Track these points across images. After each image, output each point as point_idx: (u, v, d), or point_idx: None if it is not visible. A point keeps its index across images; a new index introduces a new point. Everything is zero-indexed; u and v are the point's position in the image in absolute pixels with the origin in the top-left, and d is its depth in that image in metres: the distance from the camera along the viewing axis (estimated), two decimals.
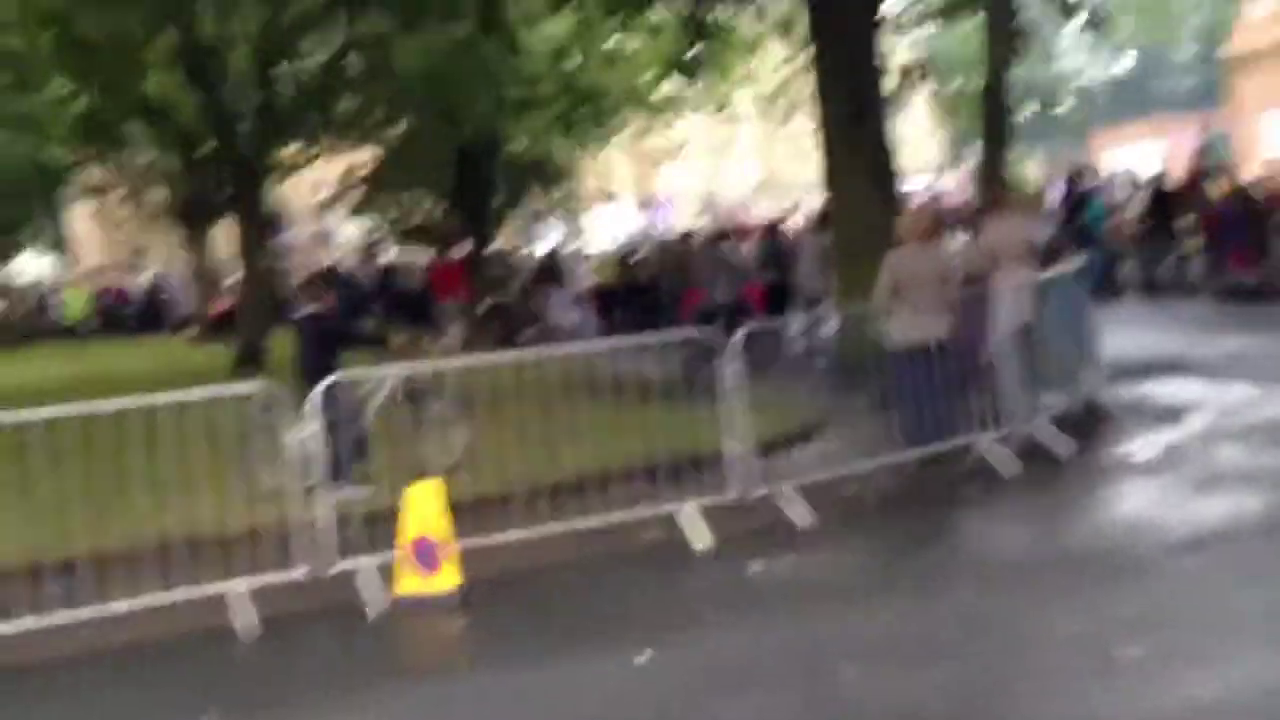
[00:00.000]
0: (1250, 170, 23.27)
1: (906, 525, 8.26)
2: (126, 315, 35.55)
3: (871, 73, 15.09)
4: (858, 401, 10.75)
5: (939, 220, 12.09)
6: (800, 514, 8.31)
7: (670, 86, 26.80)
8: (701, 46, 17.89)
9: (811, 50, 24.73)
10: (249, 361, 18.87)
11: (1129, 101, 58.85)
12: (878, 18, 15.75)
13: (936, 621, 6.10)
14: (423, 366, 10.05)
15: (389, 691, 6.10)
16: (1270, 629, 5.44)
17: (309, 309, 10.58)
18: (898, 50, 21.28)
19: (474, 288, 26.42)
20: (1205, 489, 8.03)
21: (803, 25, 20.19)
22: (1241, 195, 18.27)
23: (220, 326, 27.37)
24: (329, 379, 8.48)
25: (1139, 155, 37.51)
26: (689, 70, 18.96)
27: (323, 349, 10.08)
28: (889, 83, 16.57)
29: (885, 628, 6.09)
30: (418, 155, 26.96)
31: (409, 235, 30.60)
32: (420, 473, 8.95)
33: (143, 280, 37.85)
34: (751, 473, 8.55)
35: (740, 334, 8.91)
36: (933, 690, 5.25)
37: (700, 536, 8.04)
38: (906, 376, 9.46)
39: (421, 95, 21.43)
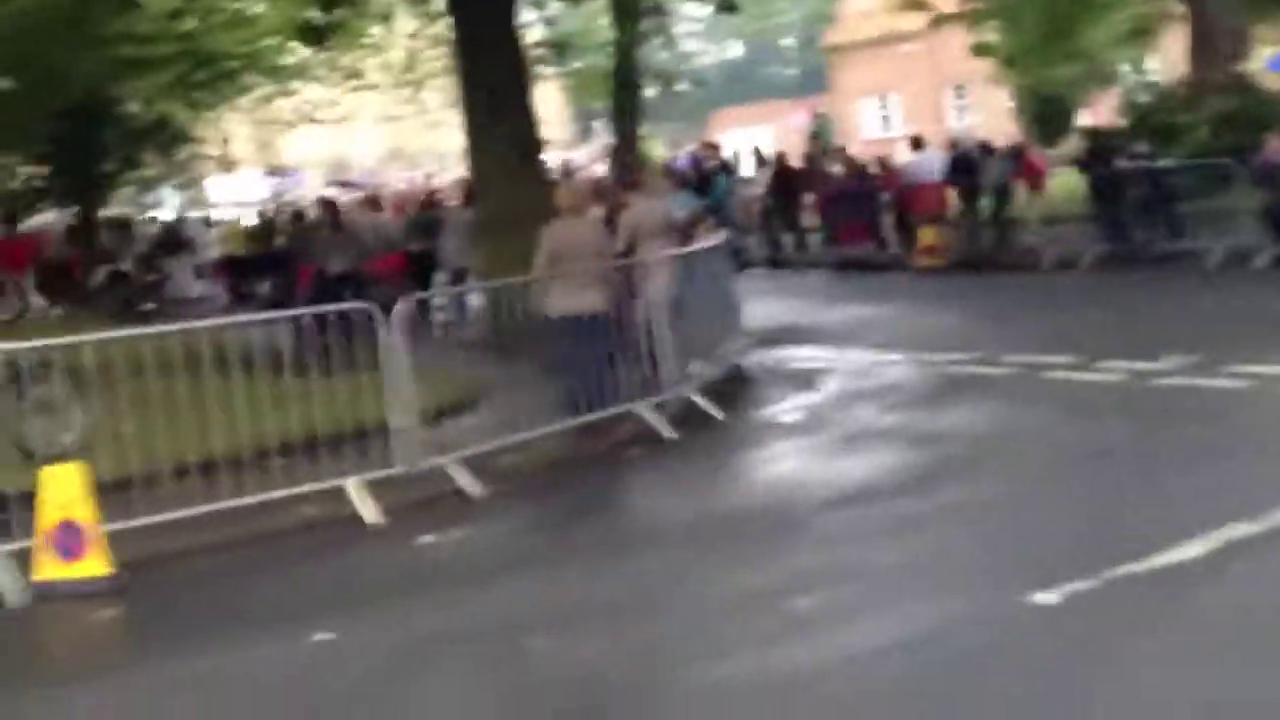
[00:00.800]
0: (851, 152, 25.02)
1: (576, 492, 8.38)
2: None
3: (512, 47, 15.10)
4: (512, 372, 10.82)
5: (593, 194, 12.37)
6: (469, 485, 8.27)
7: (296, 53, 25.91)
8: (331, 14, 17.35)
9: (447, 22, 24.63)
10: None
11: (740, 87, 62.04)
12: None
13: (616, 587, 6.22)
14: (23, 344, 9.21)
15: (43, 691, 5.61)
16: (910, 580, 5.84)
17: None
18: (528, 30, 21.39)
19: (91, 256, 24.67)
20: (846, 448, 8.60)
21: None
22: (860, 173, 19.64)
23: None
24: None
25: (752, 137, 39.65)
26: (315, 37, 18.33)
27: None
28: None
29: (567, 596, 6.14)
30: (12, 115, 24.79)
31: (4, 200, 28.14)
32: (30, 458, 8.29)
33: None
34: (416, 444, 8.42)
35: (404, 305, 8.75)
36: (618, 656, 5.34)
37: (368, 511, 7.85)
38: (565, 347, 9.59)
39: (16, 52, 19.66)
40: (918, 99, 44.96)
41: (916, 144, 19.54)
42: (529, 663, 5.33)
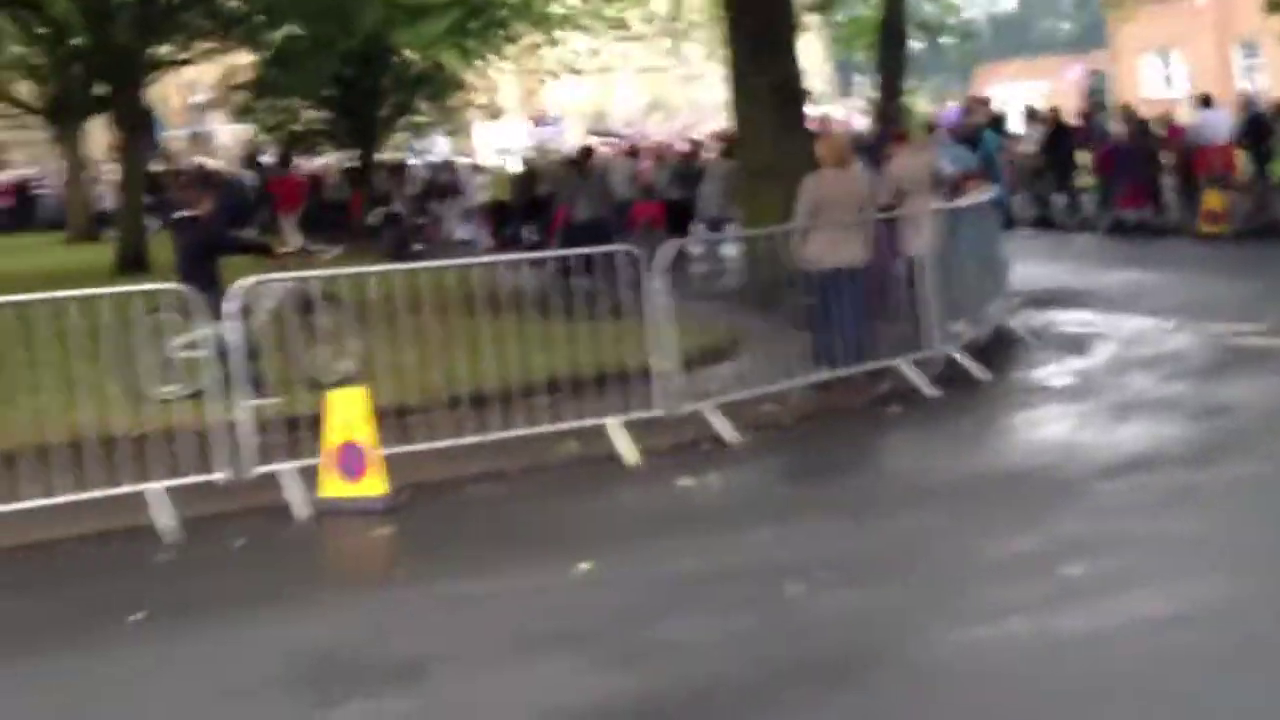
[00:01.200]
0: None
1: (834, 445, 8.29)
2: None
3: None
4: (769, 323, 10.77)
5: (853, 146, 12.18)
6: (726, 431, 8.29)
7: (564, 3, 26.34)
8: None
9: None
10: (130, 264, 18.16)
11: (1011, 41, 59.82)
12: None
13: (878, 540, 6.13)
14: (319, 275, 9.69)
15: (328, 599, 5.94)
16: (1206, 551, 5.57)
17: (186, 212, 10.12)
18: None
19: (365, 197, 25.84)
20: (1123, 415, 8.20)
21: None
22: (1142, 131, 18.65)
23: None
24: (240, 283, 8.18)
25: (1022, 92, 38.16)
26: None
27: (201, 255, 9.63)
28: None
29: (826, 546, 6.08)
30: (302, 60, 26.11)
31: (292, 141, 29.76)
32: (314, 383, 8.75)
33: (15, 177, 36.07)
34: (676, 389, 8.49)
35: (668, 250, 8.81)
36: (883, 607, 5.27)
37: (628, 450, 7.97)
38: (824, 299, 9.49)
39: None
40: (1203, 57, 42.35)
41: (1205, 102, 18.39)
42: (788, 607, 5.30)
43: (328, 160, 31.38)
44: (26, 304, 7.48)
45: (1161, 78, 44.32)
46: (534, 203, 21.53)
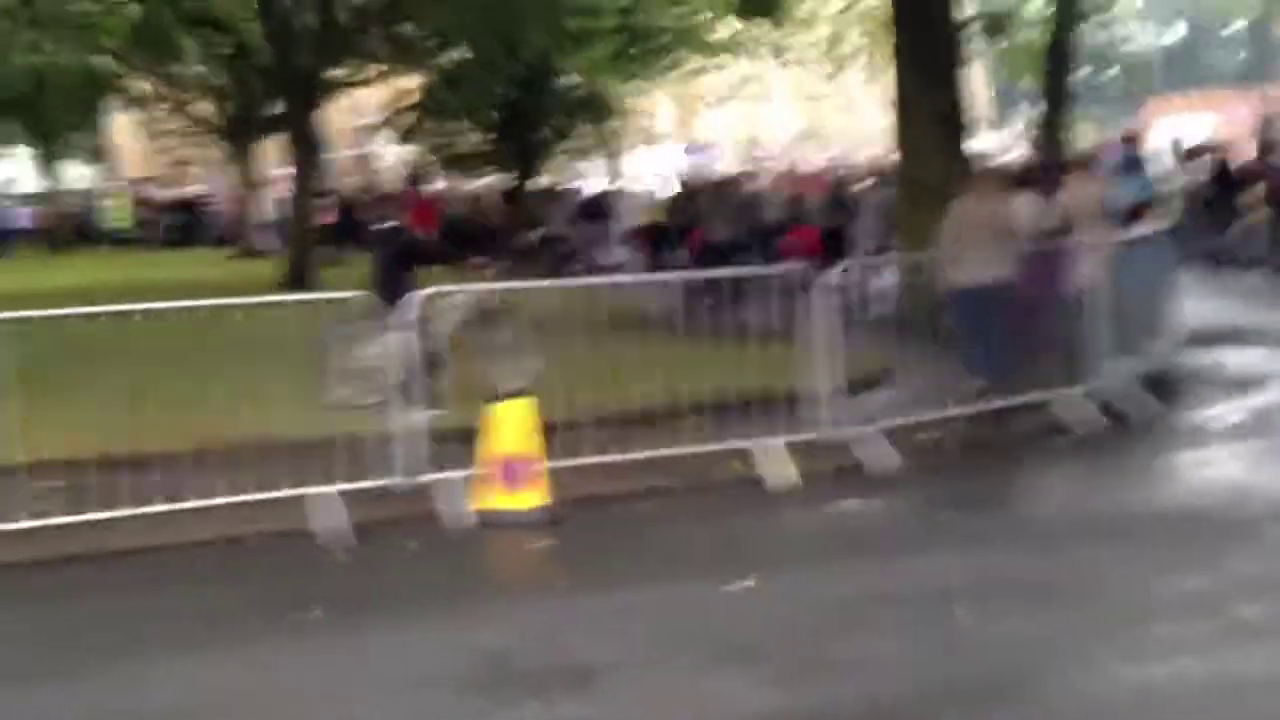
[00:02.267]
0: None
1: (995, 474, 8.22)
2: (167, 227, 35.51)
3: (947, 20, 14.85)
4: (927, 350, 10.69)
5: (1003, 176, 12.11)
6: (885, 457, 8.27)
7: (725, 28, 26.51)
8: None
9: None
10: (294, 281, 18.84)
11: (1179, 72, 58.14)
12: None
13: (1046, 570, 6.06)
14: (498, 289, 9.99)
15: (495, 606, 6.11)
16: None
17: (389, 223, 10.54)
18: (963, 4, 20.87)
19: (521, 219, 26.34)
20: None
21: None
22: None
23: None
24: (418, 294, 8.47)
25: (1189, 126, 37.10)
26: (764, 8, 18.62)
27: (399, 264, 10.04)
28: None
29: (992, 573, 6.05)
30: (468, 83, 26.81)
31: (454, 163, 30.49)
32: (492, 395, 8.96)
33: (186, 193, 37.74)
34: (835, 413, 8.50)
35: (834, 273, 8.85)
36: (1052, 636, 5.22)
37: (785, 473, 8.01)
38: (971, 313, 9.50)
39: (482, 21, 21.23)
40: None
41: None
42: (956, 631, 5.29)
43: (488, 182, 32.08)
44: (212, 310, 7.85)
45: None
46: (687, 227, 21.75)
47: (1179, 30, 70.04)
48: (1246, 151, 21.37)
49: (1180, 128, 35.65)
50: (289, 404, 7.84)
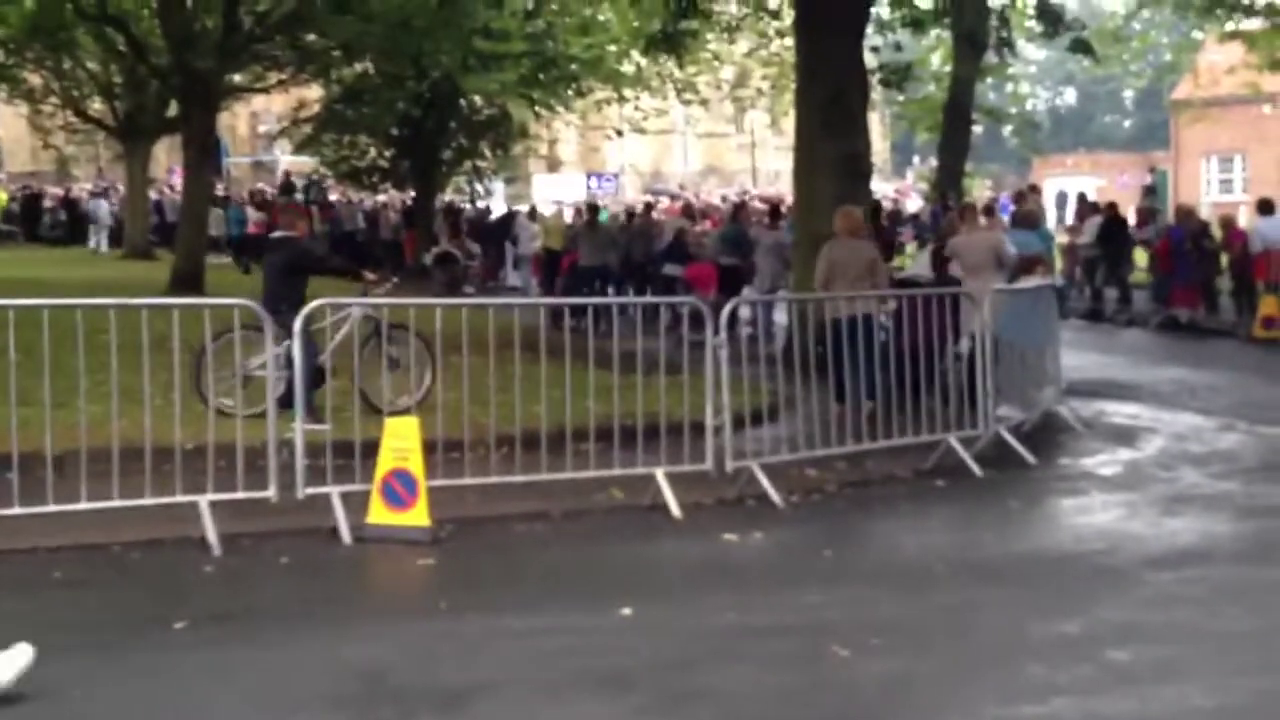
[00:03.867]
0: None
1: (879, 513, 8.28)
2: (49, 225, 34.49)
3: (854, 67, 15.05)
4: (817, 388, 10.77)
5: (863, 219, 12.54)
6: (771, 491, 8.28)
7: (635, 61, 26.65)
8: (681, 24, 17.64)
9: (783, 43, 24.75)
10: (186, 282, 18.40)
11: (1069, 134, 59.94)
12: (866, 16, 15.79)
13: (924, 611, 6.08)
14: (391, 304, 9.85)
15: (367, 624, 5.95)
16: (1258, 647, 5.50)
17: (283, 234, 10.34)
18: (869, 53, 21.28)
19: (418, 236, 26.11)
20: (1172, 509, 8.15)
21: (786, 16, 20.18)
22: (1201, 232, 18.62)
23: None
24: (307, 307, 8.32)
25: (1078, 186, 38.20)
26: (662, 46, 18.69)
27: (289, 274, 9.88)
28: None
29: (868, 612, 6.05)
30: (371, 97, 26.57)
31: (351, 176, 30.19)
32: (378, 409, 8.81)
33: (75, 191, 36.72)
34: (725, 445, 8.49)
35: (731, 306, 8.88)
36: (927, 675, 5.22)
37: (673, 502, 7.98)
38: (838, 344, 9.81)
39: (388, 37, 21.03)
40: (1265, 164, 42.31)
41: (1266, 207, 18.33)
42: (831, 667, 5.27)
43: (385, 198, 31.80)
44: (91, 309, 7.61)
45: (1220, 181, 44.30)
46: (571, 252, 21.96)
47: (1071, 94, 72.33)
48: (1130, 214, 22.05)
49: (1068, 187, 36.67)
50: (166, 410, 7.59)
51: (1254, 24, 25.82)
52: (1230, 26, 27.05)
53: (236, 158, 45.46)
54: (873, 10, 17.17)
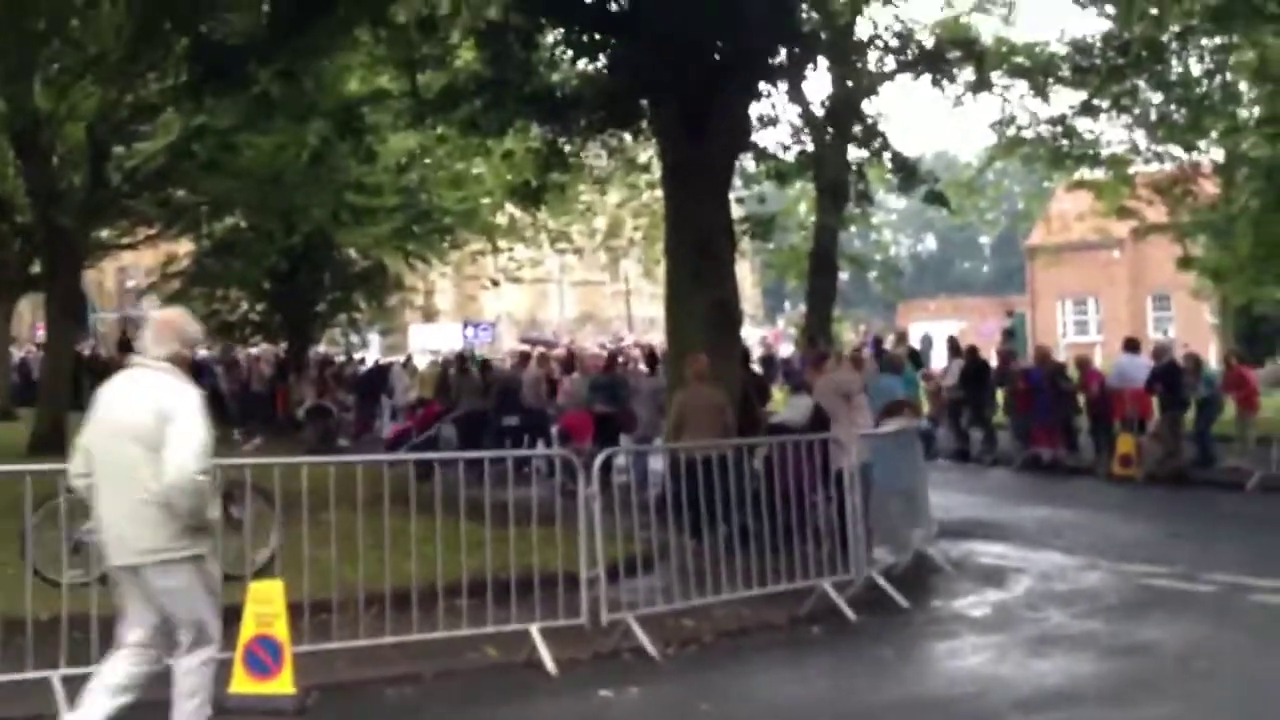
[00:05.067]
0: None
1: (754, 664, 8.24)
2: None
3: (721, 219, 15.45)
4: (692, 537, 10.80)
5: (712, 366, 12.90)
6: (648, 644, 8.22)
7: (508, 214, 27.03)
8: (551, 177, 17.98)
9: (653, 195, 25.36)
10: (46, 443, 17.85)
11: (931, 279, 62.04)
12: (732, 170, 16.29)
13: None
14: (248, 464, 9.61)
15: None
16: None
17: None
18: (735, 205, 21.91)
19: (289, 390, 25.78)
20: (1039, 650, 8.28)
21: (655, 168, 20.72)
22: (1058, 374, 19.28)
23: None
24: None
25: (941, 330, 39.45)
26: (532, 198, 19.01)
27: None
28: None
29: None
30: (241, 251, 26.44)
31: (223, 331, 29.77)
32: (227, 574, 8.54)
33: None
34: (600, 598, 8.44)
35: (603, 455, 8.90)
36: None
37: (548, 659, 7.86)
38: (687, 485, 9.91)
39: (258, 193, 21.07)
40: (1117, 306, 44.26)
41: (1131, 346, 19.06)
42: None
43: (258, 351, 31.43)
44: None
45: (1075, 323, 46.14)
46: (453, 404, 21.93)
47: (931, 241, 75.14)
48: (991, 356, 22.80)
49: (932, 331, 37.80)
50: (19, 580, 7.29)
51: (1099, 174, 27.19)
52: (1077, 176, 28.46)
53: (104, 313, 44.59)
54: (738, 164, 17.76)
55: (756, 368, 21.24)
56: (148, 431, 5.59)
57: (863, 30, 19.46)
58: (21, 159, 19.63)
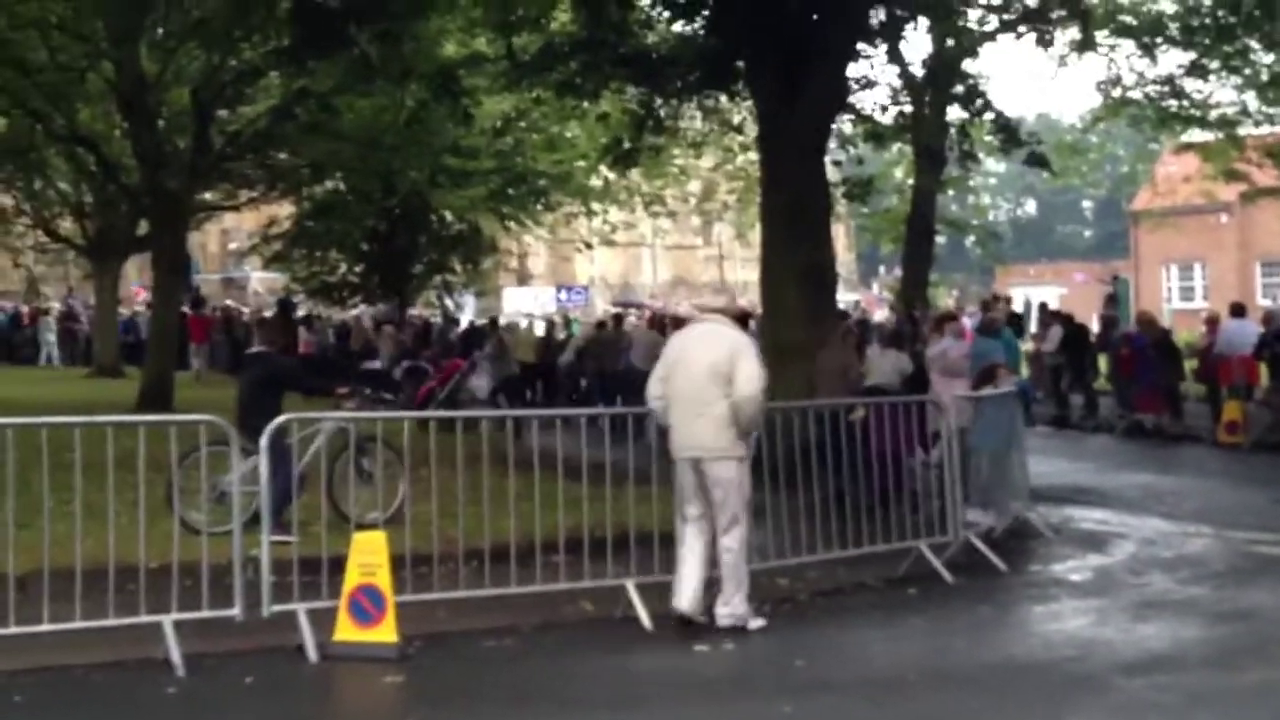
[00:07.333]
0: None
1: (850, 623, 8.22)
2: (16, 344, 34.30)
3: (817, 180, 15.33)
4: (789, 496, 10.77)
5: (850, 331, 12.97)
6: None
7: (602, 176, 27.06)
8: (645, 139, 17.95)
9: (747, 158, 25.22)
10: (154, 401, 18.31)
11: (1031, 244, 60.93)
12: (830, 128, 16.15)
13: (893, 719, 6.04)
14: (361, 418, 9.81)
15: None
16: None
17: (259, 348, 10.35)
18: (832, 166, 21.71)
19: (394, 349, 26.11)
20: (1143, 615, 8.15)
21: (750, 131, 20.59)
22: (1164, 340, 18.87)
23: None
24: (276, 421, 8.27)
25: (1040, 295, 38.75)
26: (627, 161, 18.98)
27: (264, 389, 9.88)
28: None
29: None
30: (341, 213, 26.83)
31: (322, 292, 30.25)
32: (347, 525, 8.74)
33: (48, 309, 36.58)
34: None
35: None
36: None
37: (638, 614, 7.92)
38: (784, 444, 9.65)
39: (357, 156, 21.33)
40: (1224, 271, 43.12)
41: (1238, 311, 18.59)
42: None
43: (358, 312, 31.90)
44: (59, 427, 7.57)
45: (1180, 289, 45.06)
46: (548, 365, 22.11)
47: (1032, 205, 73.76)
48: (1091, 321, 22.38)
49: (1031, 295, 37.14)
50: (131, 528, 7.51)
51: (1207, 136, 26.49)
52: (1185, 138, 27.74)
53: (207, 274, 45.59)
54: (834, 125, 17.58)
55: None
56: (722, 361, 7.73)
57: None
58: (129, 122, 20.04)
